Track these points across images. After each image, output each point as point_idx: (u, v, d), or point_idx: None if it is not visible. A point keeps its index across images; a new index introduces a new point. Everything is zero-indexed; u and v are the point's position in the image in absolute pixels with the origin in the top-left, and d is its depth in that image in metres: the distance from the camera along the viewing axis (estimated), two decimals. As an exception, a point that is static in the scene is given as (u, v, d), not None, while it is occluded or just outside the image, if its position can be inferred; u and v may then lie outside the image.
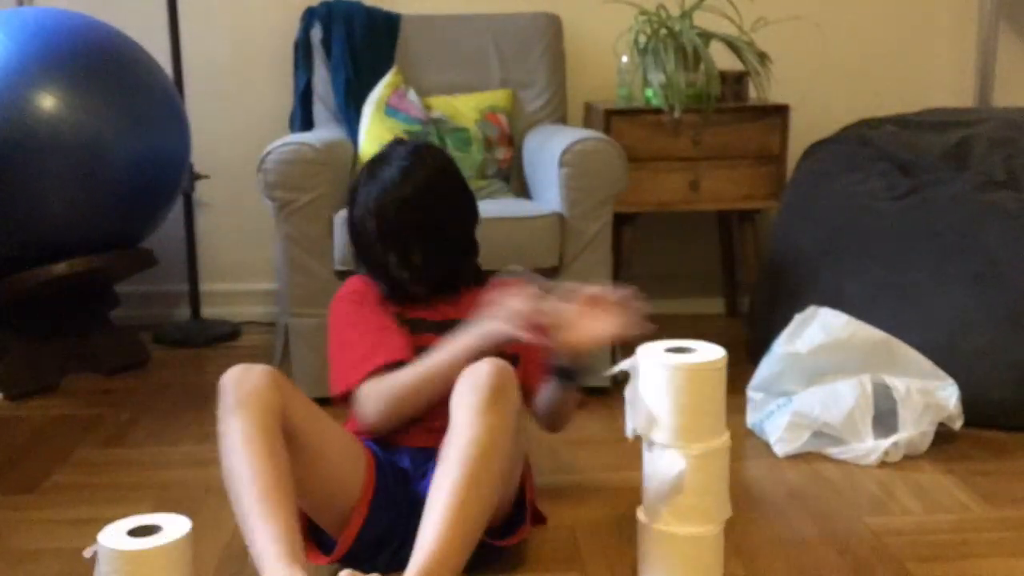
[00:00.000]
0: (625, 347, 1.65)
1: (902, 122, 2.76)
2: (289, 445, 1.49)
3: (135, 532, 1.40)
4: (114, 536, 1.38)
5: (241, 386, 1.48)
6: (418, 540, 1.41)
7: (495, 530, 1.62)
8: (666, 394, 1.46)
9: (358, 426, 1.70)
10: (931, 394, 2.10)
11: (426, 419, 1.67)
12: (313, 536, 1.65)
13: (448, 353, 1.62)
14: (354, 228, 1.77)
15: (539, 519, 1.79)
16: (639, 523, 1.55)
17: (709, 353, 1.49)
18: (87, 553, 1.38)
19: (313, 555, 1.62)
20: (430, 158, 1.76)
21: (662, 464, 1.48)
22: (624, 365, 1.51)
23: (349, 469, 1.59)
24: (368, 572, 1.37)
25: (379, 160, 1.76)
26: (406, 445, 1.69)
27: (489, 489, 1.46)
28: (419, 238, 1.71)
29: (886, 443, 2.05)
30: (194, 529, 1.77)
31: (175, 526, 1.41)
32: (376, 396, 1.64)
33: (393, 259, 1.72)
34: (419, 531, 1.42)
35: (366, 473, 1.61)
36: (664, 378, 1.46)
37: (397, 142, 1.80)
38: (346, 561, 1.57)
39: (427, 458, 1.65)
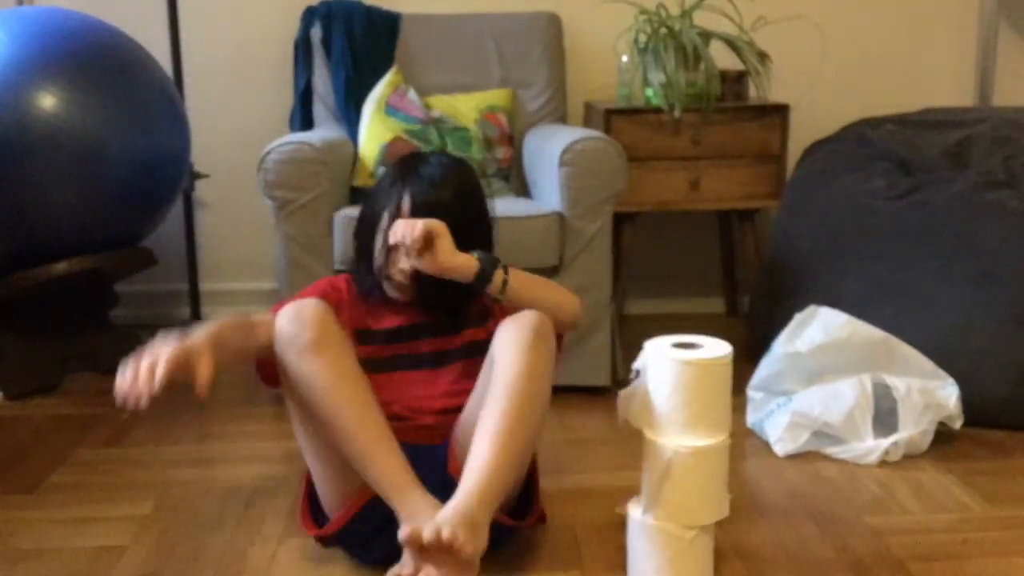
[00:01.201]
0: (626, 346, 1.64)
1: (902, 122, 2.76)
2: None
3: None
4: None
5: (317, 323, 1.50)
6: (467, 466, 1.45)
7: (510, 510, 1.63)
8: (671, 388, 1.47)
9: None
10: (931, 393, 2.10)
11: (412, 417, 1.67)
12: (311, 506, 1.66)
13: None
14: (369, 223, 1.72)
15: (540, 518, 1.79)
16: (627, 515, 1.56)
17: (715, 349, 1.49)
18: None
19: (307, 524, 1.63)
20: (466, 170, 1.76)
21: (656, 456, 1.49)
22: (638, 364, 1.51)
23: None
24: (364, 557, 1.40)
25: (416, 159, 1.74)
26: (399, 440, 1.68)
27: (533, 425, 1.51)
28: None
29: (886, 442, 2.05)
30: (195, 527, 1.79)
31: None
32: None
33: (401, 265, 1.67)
34: (468, 459, 1.45)
35: None
36: (671, 372, 1.46)
37: (432, 152, 1.80)
38: (339, 537, 1.59)
39: (416, 456, 1.64)
